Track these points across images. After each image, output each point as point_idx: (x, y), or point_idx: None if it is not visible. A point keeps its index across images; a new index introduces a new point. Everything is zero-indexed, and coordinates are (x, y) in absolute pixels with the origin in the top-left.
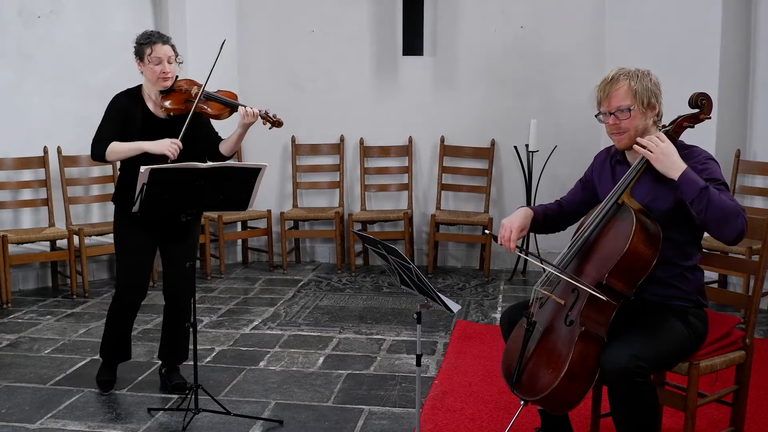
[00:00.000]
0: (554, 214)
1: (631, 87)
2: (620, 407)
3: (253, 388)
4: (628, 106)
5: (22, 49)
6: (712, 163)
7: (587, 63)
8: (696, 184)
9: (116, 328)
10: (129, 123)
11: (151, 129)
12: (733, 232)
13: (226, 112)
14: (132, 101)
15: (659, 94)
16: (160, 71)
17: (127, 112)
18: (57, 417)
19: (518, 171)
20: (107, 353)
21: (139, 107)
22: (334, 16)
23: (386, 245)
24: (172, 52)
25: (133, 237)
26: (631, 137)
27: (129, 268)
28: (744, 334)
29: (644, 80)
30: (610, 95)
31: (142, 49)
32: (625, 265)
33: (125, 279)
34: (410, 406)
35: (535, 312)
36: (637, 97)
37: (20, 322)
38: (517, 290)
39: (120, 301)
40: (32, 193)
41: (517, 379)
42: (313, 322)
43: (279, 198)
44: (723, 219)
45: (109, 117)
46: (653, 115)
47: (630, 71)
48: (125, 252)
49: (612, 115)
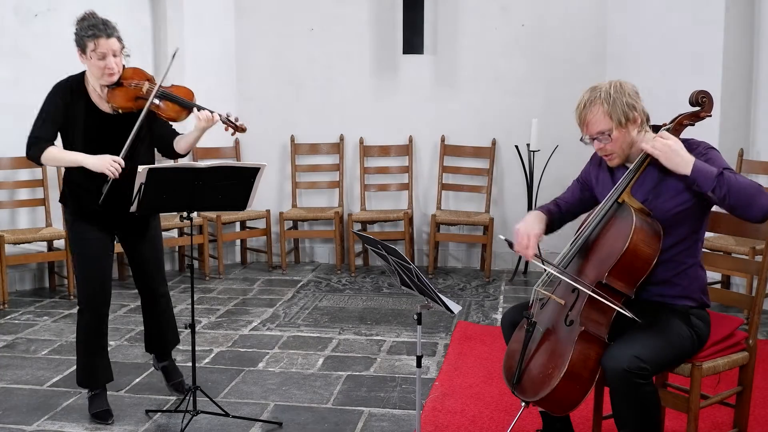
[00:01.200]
0: (556, 215)
1: (605, 111)
2: (622, 409)
3: (252, 389)
4: (607, 131)
5: (18, 47)
6: (713, 152)
7: (589, 61)
8: (710, 172)
9: (91, 346)
10: (70, 119)
11: (95, 125)
12: (759, 210)
13: (184, 114)
14: (74, 94)
15: (636, 103)
16: (104, 66)
17: (68, 108)
18: (54, 419)
19: (519, 170)
20: (89, 378)
21: (82, 101)
22: (333, 14)
23: (386, 245)
24: (118, 45)
25: (89, 239)
26: (620, 156)
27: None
28: (747, 335)
29: (618, 98)
30: (588, 120)
31: (83, 42)
32: (625, 264)
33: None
34: (410, 408)
35: (535, 313)
36: (614, 119)
37: (17, 323)
38: (518, 291)
39: (87, 313)
40: (29, 193)
41: (517, 380)
42: (312, 323)
43: (278, 198)
44: (747, 200)
45: (48, 114)
46: (636, 127)
47: (602, 91)
48: (82, 255)
49: (595, 140)
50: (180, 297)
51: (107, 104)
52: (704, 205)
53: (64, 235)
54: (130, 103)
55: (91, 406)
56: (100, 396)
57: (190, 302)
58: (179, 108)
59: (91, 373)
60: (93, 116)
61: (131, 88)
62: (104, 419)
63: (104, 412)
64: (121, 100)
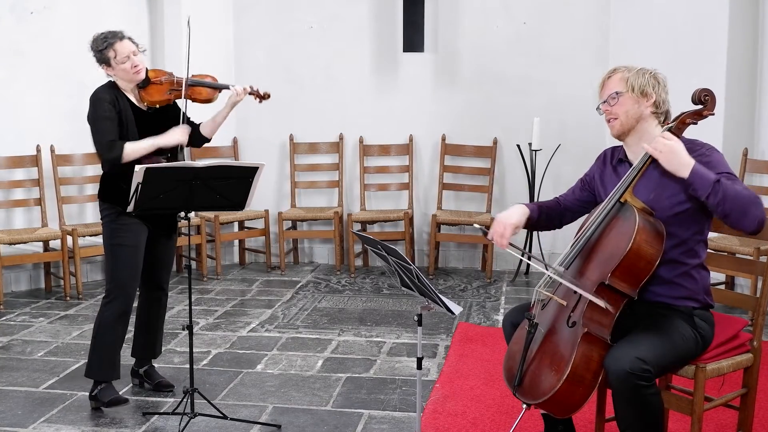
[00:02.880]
0: (550, 210)
1: (624, 76)
2: (625, 411)
3: (251, 391)
4: (617, 91)
5: (14, 45)
6: (716, 154)
7: (591, 59)
8: (708, 178)
9: (112, 337)
10: (122, 119)
11: (141, 123)
12: (753, 222)
13: (216, 94)
14: (116, 96)
15: (660, 88)
16: (131, 66)
17: (117, 108)
18: (50, 421)
19: (521, 170)
20: (106, 370)
21: (124, 100)
22: (333, 11)
23: (386, 246)
24: (133, 45)
25: (131, 230)
26: (622, 123)
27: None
28: (752, 336)
29: (642, 73)
30: (605, 85)
31: (104, 55)
32: (627, 265)
33: (125, 271)
34: (411, 410)
35: (537, 313)
36: (629, 83)
37: (12, 325)
38: (520, 292)
39: (118, 301)
40: (24, 193)
41: (519, 382)
42: (311, 324)
43: (277, 198)
44: (741, 210)
45: (105, 115)
46: (649, 105)
47: (631, 66)
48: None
49: (605, 103)
50: (178, 298)
51: (143, 103)
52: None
53: (61, 235)
54: (166, 96)
55: (103, 395)
56: (110, 386)
57: (187, 303)
58: (211, 90)
59: (112, 364)
60: (138, 114)
61: (162, 83)
62: (123, 402)
63: (118, 398)
64: (157, 96)
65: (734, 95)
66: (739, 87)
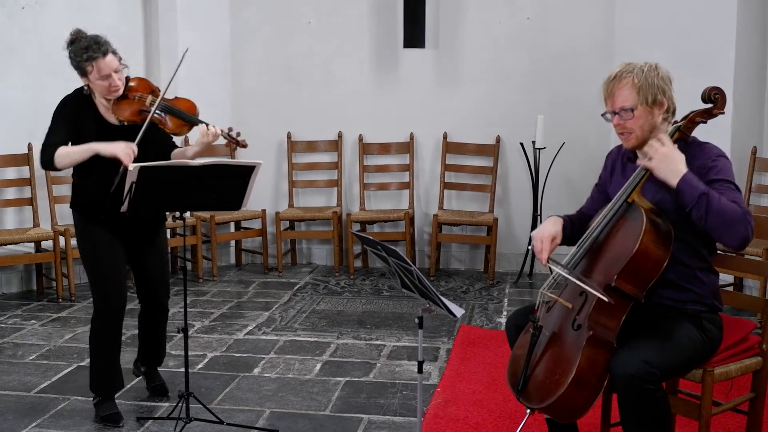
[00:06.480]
0: (578, 221)
1: (634, 85)
2: (631, 416)
3: (247, 396)
4: (631, 107)
5: (5, 41)
6: (722, 161)
7: (596, 56)
8: (695, 190)
9: (110, 350)
10: (81, 130)
11: (105, 136)
12: (735, 239)
13: (186, 129)
14: (83, 106)
15: (668, 88)
16: (108, 85)
17: (78, 118)
18: (42, 426)
19: (524, 169)
20: (104, 384)
21: (91, 113)
22: (331, 7)
23: (386, 247)
24: (116, 62)
25: (101, 240)
26: (638, 137)
27: (105, 275)
28: (761, 339)
29: (650, 76)
30: (614, 94)
31: (82, 66)
32: (634, 267)
33: (104, 289)
34: (411, 415)
35: (541, 316)
36: (641, 95)
37: (3, 327)
38: (524, 293)
39: (105, 317)
40: (16, 192)
41: (522, 386)
42: (309, 327)
43: (274, 197)
44: (724, 225)
45: (58, 122)
46: (662, 112)
47: (636, 67)
48: (96, 258)
49: (616, 115)
50: (172, 300)
51: (113, 116)
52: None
53: (53, 236)
54: (135, 117)
55: (100, 410)
56: (109, 400)
57: (182, 305)
58: (181, 122)
59: (109, 378)
60: (102, 128)
61: (135, 101)
62: (115, 422)
63: (115, 414)
64: (125, 113)
65: (742, 93)
66: (747, 84)
